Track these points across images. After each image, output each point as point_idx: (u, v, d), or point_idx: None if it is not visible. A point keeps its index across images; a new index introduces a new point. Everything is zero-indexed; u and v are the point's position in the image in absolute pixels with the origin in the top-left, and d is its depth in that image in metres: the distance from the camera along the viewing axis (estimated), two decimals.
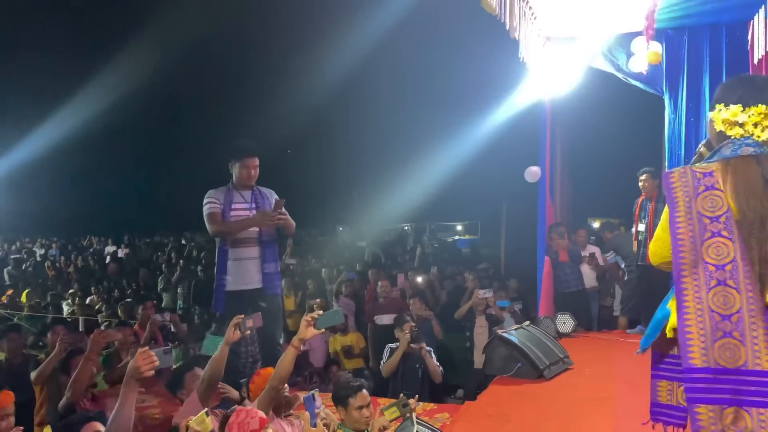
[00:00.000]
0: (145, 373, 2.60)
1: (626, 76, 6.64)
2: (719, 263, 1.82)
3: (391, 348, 5.41)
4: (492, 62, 8.65)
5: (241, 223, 4.56)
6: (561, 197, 7.71)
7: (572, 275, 6.90)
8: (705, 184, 1.89)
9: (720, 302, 1.80)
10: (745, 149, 1.92)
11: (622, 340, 6.12)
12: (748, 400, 1.74)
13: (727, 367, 1.76)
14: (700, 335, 1.81)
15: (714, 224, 1.85)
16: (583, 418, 3.86)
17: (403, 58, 17.92)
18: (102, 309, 10.85)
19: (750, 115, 1.95)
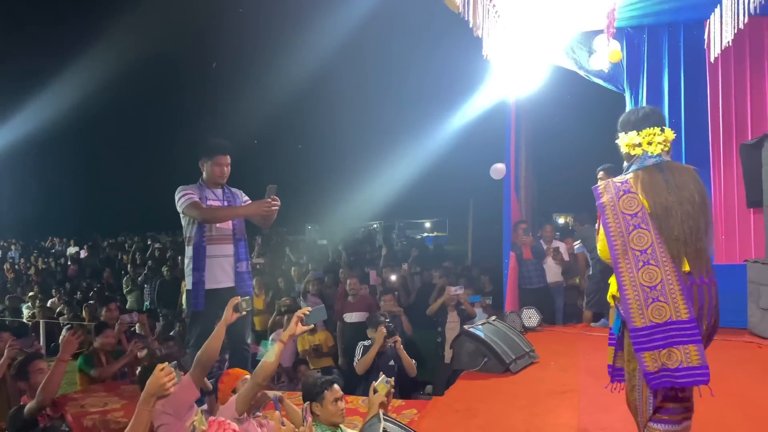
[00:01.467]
0: (169, 390, 2.46)
1: (588, 74, 6.77)
2: (642, 249, 2.46)
3: (364, 345, 5.40)
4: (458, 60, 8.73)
5: (235, 210, 4.48)
6: (526, 194, 7.82)
7: (535, 272, 7.02)
8: (624, 189, 2.54)
9: (647, 278, 2.43)
10: (649, 160, 2.60)
11: (587, 334, 6.24)
12: (676, 341, 2.39)
13: (659, 323, 2.41)
14: (637, 304, 2.43)
15: (634, 219, 2.48)
16: (549, 410, 3.92)
17: (371, 57, 17.94)
18: (64, 311, 10.62)
19: (643, 137, 2.61)
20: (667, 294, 2.41)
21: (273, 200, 4.29)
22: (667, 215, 2.48)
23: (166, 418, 3.25)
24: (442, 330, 6.62)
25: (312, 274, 8.52)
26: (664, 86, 6.43)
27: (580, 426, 3.61)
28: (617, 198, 2.52)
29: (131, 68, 19.67)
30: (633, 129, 2.65)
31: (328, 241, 13.68)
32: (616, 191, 2.54)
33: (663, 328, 2.40)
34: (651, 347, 2.40)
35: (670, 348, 2.39)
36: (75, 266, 14.58)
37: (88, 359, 5.65)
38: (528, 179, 7.84)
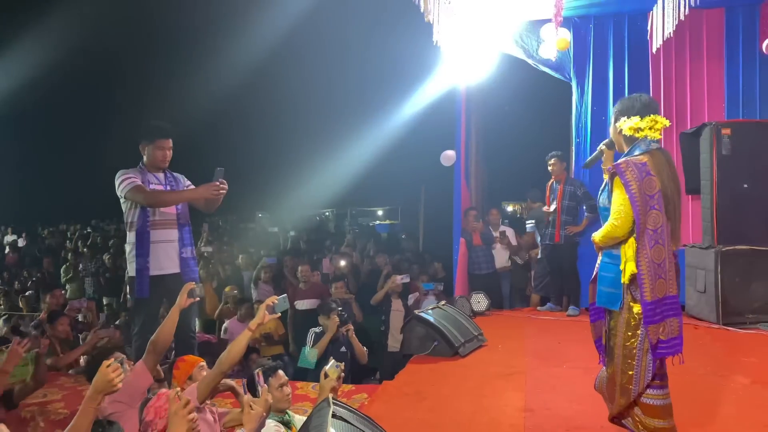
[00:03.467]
0: (117, 386, 2.36)
1: (537, 63, 6.87)
2: (654, 228, 2.67)
3: (315, 332, 5.37)
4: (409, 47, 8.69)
5: (181, 194, 4.36)
6: (476, 181, 7.91)
7: (484, 258, 7.13)
8: (645, 171, 2.68)
9: (656, 255, 2.66)
10: (652, 145, 2.79)
11: (533, 318, 6.38)
12: (667, 314, 2.68)
13: (660, 297, 2.66)
14: (649, 279, 2.64)
15: (651, 200, 2.66)
16: (497, 392, 4.00)
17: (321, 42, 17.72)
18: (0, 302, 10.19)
19: (646, 122, 2.79)
20: (666, 271, 2.67)
21: (221, 183, 4.20)
22: (671, 198, 2.71)
23: (119, 406, 3.17)
24: (386, 318, 6.65)
25: (264, 260, 8.39)
26: (609, 75, 6.59)
27: (526, 406, 3.68)
28: (641, 178, 2.66)
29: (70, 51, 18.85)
30: (636, 114, 2.81)
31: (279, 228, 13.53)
32: (639, 171, 2.67)
33: (661, 302, 2.67)
34: (654, 320, 2.65)
35: (664, 321, 2.68)
36: (13, 255, 13.98)
37: None
38: (478, 166, 7.94)
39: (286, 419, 3.25)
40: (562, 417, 3.52)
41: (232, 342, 3.27)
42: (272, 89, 20.96)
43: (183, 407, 2.26)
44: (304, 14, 12.14)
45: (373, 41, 15.04)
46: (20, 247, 15.06)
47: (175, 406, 2.27)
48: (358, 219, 23.58)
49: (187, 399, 2.30)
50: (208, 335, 6.83)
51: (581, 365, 4.43)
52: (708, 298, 5.58)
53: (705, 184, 5.72)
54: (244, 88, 19.76)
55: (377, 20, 13.36)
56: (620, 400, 2.80)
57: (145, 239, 4.23)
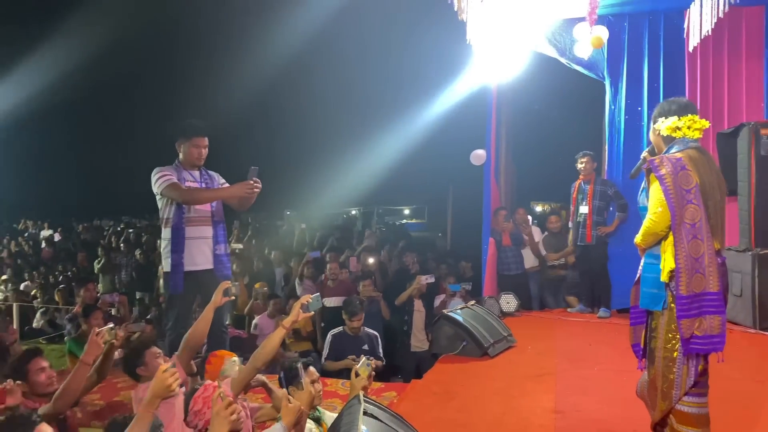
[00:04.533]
0: (175, 391, 2.42)
1: (569, 61, 6.79)
2: (692, 222, 2.64)
3: (333, 335, 5.39)
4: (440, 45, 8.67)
5: (216, 191, 4.43)
6: (505, 181, 7.85)
7: (513, 258, 7.07)
8: (680, 165, 2.67)
9: (694, 250, 2.63)
10: (690, 143, 2.80)
11: (563, 319, 6.32)
12: (706, 311, 2.64)
13: (697, 293, 2.63)
14: (686, 273, 2.62)
15: (688, 195, 2.65)
16: (526, 393, 3.97)
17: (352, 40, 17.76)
18: (37, 295, 10.46)
19: (684, 122, 2.81)
20: (705, 267, 2.64)
21: (255, 182, 4.25)
22: (711, 194, 2.69)
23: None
24: (408, 319, 6.65)
25: (309, 255, 8.39)
26: (644, 74, 6.48)
27: (556, 408, 3.66)
28: (676, 173, 2.65)
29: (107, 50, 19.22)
30: (674, 115, 2.84)
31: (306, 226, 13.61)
32: (673, 166, 2.67)
33: (699, 297, 2.63)
34: (688, 315, 2.62)
35: (701, 317, 2.64)
36: (49, 249, 14.33)
37: (77, 342, 5.59)
38: (508, 166, 7.88)
39: (317, 415, 3.28)
40: (594, 420, 3.49)
41: (265, 339, 3.30)
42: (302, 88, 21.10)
43: (225, 408, 2.27)
44: (335, 12, 12.18)
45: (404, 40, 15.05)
46: (56, 242, 15.43)
47: (218, 407, 2.28)
48: (385, 218, 23.58)
49: (230, 399, 2.31)
50: (239, 330, 6.91)
51: (613, 368, 4.38)
52: (744, 302, 5.45)
53: (742, 186, 5.59)
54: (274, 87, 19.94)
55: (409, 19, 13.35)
56: (662, 405, 2.75)
57: (180, 235, 4.30)
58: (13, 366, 3.55)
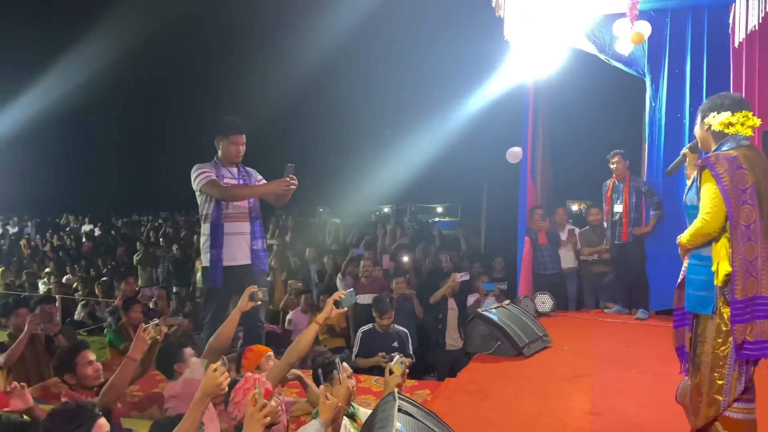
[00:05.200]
0: (225, 389, 2.48)
1: (609, 58, 6.66)
2: (747, 224, 2.57)
3: (363, 332, 5.41)
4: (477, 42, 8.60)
5: (254, 188, 4.52)
6: (542, 179, 7.75)
7: (549, 258, 6.99)
8: (737, 165, 2.59)
9: (748, 253, 2.56)
10: (743, 141, 2.70)
11: (600, 320, 6.22)
12: (757, 315, 2.57)
13: (750, 297, 2.56)
14: (741, 277, 2.55)
15: (743, 195, 2.57)
16: (562, 394, 3.92)
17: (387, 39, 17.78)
18: (78, 288, 10.74)
19: (737, 118, 2.70)
20: (759, 270, 2.57)
21: (291, 179, 4.30)
22: (765, 194, 2.61)
23: (174, 402, 3.29)
24: (443, 317, 6.62)
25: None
26: (686, 71, 6.31)
27: (593, 410, 3.60)
28: (733, 171, 2.58)
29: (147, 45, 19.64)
30: (727, 110, 2.74)
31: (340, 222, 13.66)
32: (730, 164, 2.59)
33: (752, 301, 2.57)
34: (742, 320, 2.56)
35: (753, 322, 2.57)
36: (89, 244, 14.70)
37: (117, 334, 5.73)
38: (544, 164, 7.77)
39: (351, 411, 3.29)
40: (631, 422, 3.43)
41: (299, 334, 3.33)
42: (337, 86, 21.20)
43: (259, 410, 2.31)
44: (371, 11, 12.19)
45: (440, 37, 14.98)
46: (96, 237, 15.82)
47: (251, 409, 2.31)
48: (417, 216, 23.52)
49: (264, 402, 2.33)
50: (273, 325, 6.99)
51: (651, 370, 4.30)
52: None
53: None
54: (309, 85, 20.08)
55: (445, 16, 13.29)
56: (707, 412, 2.67)
57: (219, 231, 4.39)
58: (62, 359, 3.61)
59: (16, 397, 2.82)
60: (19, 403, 2.82)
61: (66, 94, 18.59)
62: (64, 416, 2.33)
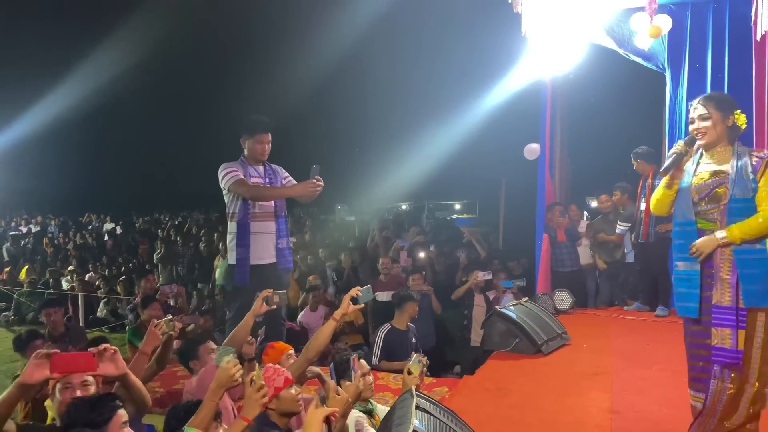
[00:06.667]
0: (238, 380, 2.53)
1: (627, 52, 6.59)
2: None
3: (385, 332, 5.40)
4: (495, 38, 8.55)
5: (282, 190, 4.58)
6: (560, 175, 7.70)
7: (568, 255, 6.94)
8: None
9: None
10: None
11: (619, 317, 6.17)
12: None
13: None
14: None
15: None
16: (581, 392, 3.90)
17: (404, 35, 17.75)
18: (101, 285, 10.90)
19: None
20: None
21: (317, 180, 4.35)
22: None
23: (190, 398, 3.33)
24: (468, 313, 6.62)
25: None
26: (707, 65, 6.23)
27: (613, 408, 3.58)
28: None
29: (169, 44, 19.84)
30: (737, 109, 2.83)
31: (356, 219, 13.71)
32: None
33: None
34: None
35: None
36: (111, 242, 14.91)
37: (136, 331, 5.80)
38: (562, 160, 7.71)
39: (369, 408, 3.31)
40: (651, 421, 3.40)
41: (317, 331, 3.36)
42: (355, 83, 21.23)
43: (257, 391, 2.43)
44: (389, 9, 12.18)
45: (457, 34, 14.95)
46: (117, 235, 16.04)
47: (250, 390, 2.43)
48: (435, 212, 23.46)
49: (261, 383, 2.45)
50: (292, 323, 7.03)
51: (672, 368, 4.24)
52: None
53: None
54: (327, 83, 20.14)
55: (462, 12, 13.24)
56: (751, 409, 2.63)
57: (246, 230, 4.44)
58: None
59: (108, 361, 2.62)
60: (111, 368, 2.65)
61: (88, 95, 18.87)
62: (86, 406, 2.39)
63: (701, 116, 2.85)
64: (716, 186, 2.79)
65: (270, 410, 2.74)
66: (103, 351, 2.61)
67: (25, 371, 2.35)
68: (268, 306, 3.53)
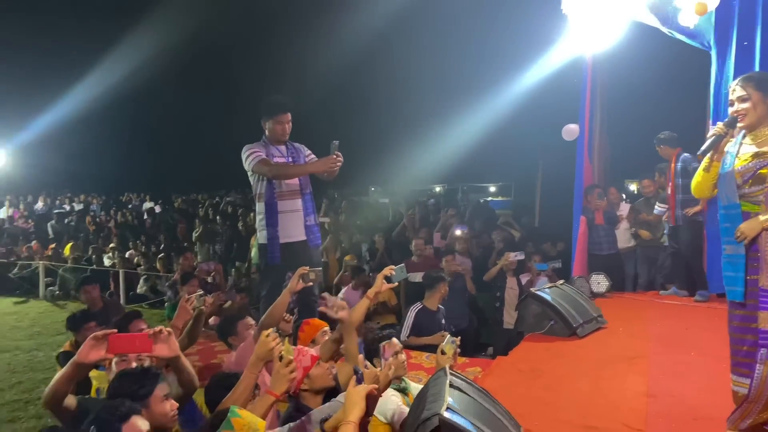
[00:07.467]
0: (276, 353, 2.58)
1: (672, 30, 6.37)
2: None
3: (417, 310, 5.42)
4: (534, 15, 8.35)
5: (303, 167, 4.62)
6: (599, 157, 7.55)
7: (606, 238, 6.83)
8: None
9: None
10: None
11: (657, 301, 6.06)
12: None
13: None
14: None
15: None
16: (617, 375, 3.85)
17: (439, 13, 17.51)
18: (141, 263, 11.17)
19: None
20: None
21: (337, 156, 4.37)
22: None
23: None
24: (501, 294, 6.59)
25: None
26: (757, 43, 5.97)
27: (649, 392, 3.53)
28: None
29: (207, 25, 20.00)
30: None
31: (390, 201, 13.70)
32: None
33: None
34: None
35: None
36: (150, 221, 15.23)
37: (175, 308, 5.95)
38: (602, 141, 7.55)
39: (403, 386, 3.33)
40: (689, 405, 3.35)
41: (352, 308, 3.39)
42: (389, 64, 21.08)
43: (285, 366, 2.49)
44: None
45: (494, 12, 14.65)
46: (156, 214, 16.37)
47: (278, 365, 2.50)
48: (470, 195, 23.32)
49: (290, 359, 2.51)
50: None
51: (711, 353, 4.16)
52: None
53: None
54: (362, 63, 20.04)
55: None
56: None
57: (273, 209, 4.50)
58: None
59: (162, 342, 2.63)
60: (165, 350, 2.65)
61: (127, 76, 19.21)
62: (131, 378, 2.49)
63: (740, 98, 2.81)
64: (759, 168, 2.70)
65: (303, 393, 2.79)
66: (159, 332, 2.65)
67: (80, 351, 2.39)
68: (305, 283, 3.59)
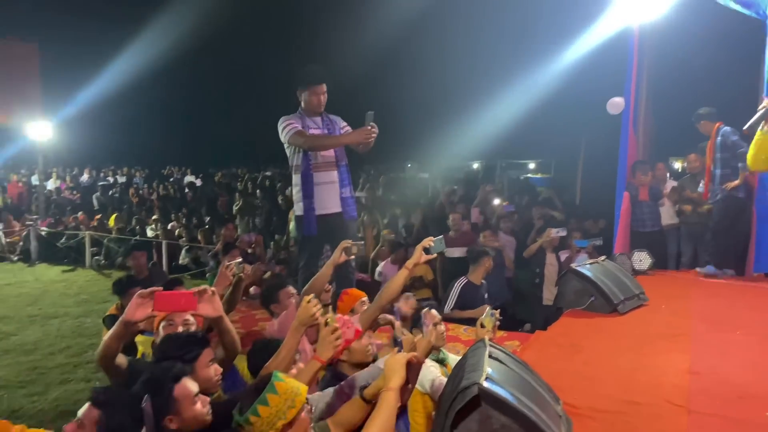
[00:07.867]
0: (318, 319, 2.63)
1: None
2: None
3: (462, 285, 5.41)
4: None
5: (338, 138, 4.62)
6: (644, 132, 7.35)
7: (649, 215, 6.69)
8: None
9: None
10: None
11: (702, 279, 5.92)
12: None
13: None
14: None
15: None
16: (658, 352, 3.78)
17: None
18: (182, 234, 11.42)
19: None
20: None
21: (371, 127, 4.35)
22: None
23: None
24: (540, 271, 6.54)
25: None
26: None
27: (692, 369, 3.46)
28: None
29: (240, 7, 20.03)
30: None
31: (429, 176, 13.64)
32: None
33: None
34: None
35: None
36: (191, 194, 15.53)
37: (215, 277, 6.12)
38: (647, 116, 7.35)
39: (441, 357, 3.35)
40: (733, 383, 3.27)
41: (390, 279, 3.41)
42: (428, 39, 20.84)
43: (331, 333, 2.52)
44: None
45: None
46: (198, 187, 16.68)
47: (324, 332, 2.54)
48: (508, 172, 23.04)
49: (335, 326, 2.54)
50: (363, 274, 7.15)
51: (758, 332, 4.07)
52: None
53: None
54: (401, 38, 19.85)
55: None
56: None
57: (309, 181, 4.53)
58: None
59: (206, 302, 2.66)
60: (209, 309, 2.68)
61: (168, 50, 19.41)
62: (177, 341, 2.56)
63: None
64: None
65: (342, 362, 2.83)
66: (203, 291, 2.68)
67: (128, 309, 2.45)
68: (347, 256, 3.62)
